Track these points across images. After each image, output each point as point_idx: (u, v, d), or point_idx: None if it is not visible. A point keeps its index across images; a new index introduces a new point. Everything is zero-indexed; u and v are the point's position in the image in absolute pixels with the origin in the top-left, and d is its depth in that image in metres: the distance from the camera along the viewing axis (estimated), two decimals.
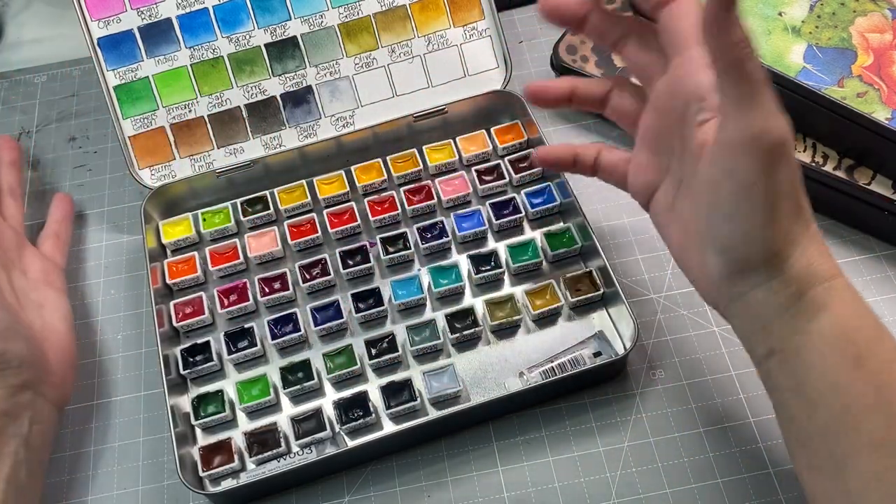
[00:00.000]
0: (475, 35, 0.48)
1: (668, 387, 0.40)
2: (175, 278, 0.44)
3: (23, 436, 0.35)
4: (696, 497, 0.37)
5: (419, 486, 0.38)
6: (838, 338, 0.30)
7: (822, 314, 0.30)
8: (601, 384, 0.40)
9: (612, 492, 0.37)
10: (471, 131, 0.49)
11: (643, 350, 0.41)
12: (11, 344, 0.36)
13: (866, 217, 0.44)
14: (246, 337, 0.42)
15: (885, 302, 0.42)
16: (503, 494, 0.37)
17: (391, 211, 0.46)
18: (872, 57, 0.43)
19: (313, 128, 0.48)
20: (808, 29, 0.44)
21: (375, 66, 0.48)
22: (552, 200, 0.45)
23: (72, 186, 0.50)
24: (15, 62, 0.57)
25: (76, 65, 0.56)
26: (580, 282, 0.42)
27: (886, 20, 0.44)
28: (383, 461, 0.39)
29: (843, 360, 0.29)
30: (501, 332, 0.42)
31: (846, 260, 0.44)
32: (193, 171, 0.47)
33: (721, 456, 0.38)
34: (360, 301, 0.42)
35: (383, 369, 0.41)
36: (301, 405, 0.40)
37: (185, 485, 0.36)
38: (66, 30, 0.57)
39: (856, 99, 0.41)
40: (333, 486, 0.38)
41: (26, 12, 0.59)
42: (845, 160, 0.43)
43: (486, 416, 0.39)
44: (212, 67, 0.46)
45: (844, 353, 0.29)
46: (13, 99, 0.54)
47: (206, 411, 0.39)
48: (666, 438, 0.38)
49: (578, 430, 0.39)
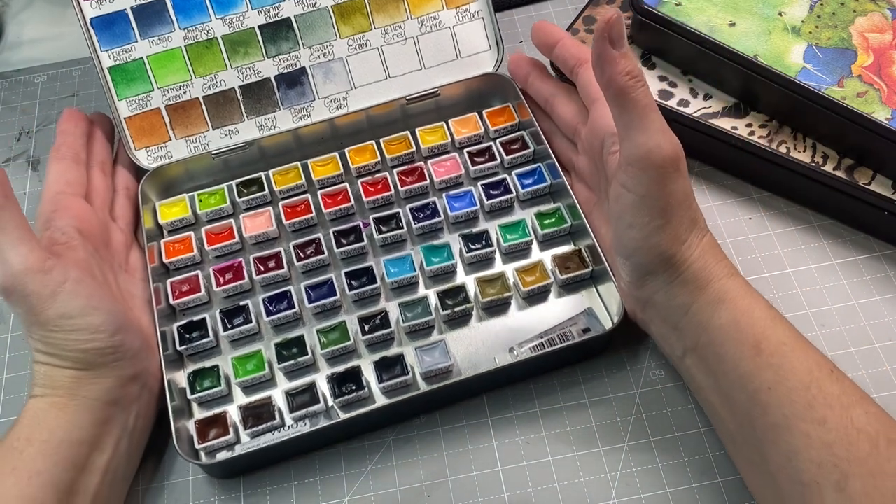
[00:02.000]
0: (468, 17, 0.49)
1: (668, 387, 0.40)
2: (172, 257, 0.45)
3: (128, 428, 0.36)
4: (696, 497, 0.37)
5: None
6: (737, 329, 0.33)
7: (720, 309, 0.33)
8: (592, 359, 0.41)
9: (612, 491, 0.37)
10: (463, 114, 0.49)
11: (643, 350, 0.41)
12: (127, 336, 0.37)
13: (866, 217, 0.43)
14: (241, 314, 0.42)
15: (885, 302, 0.42)
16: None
17: (384, 192, 0.46)
18: (872, 57, 0.42)
19: (307, 109, 0.48)
20: (808, 29, 0.43)
21: (369, 47, 0.48)
22: (542, 181, 0.46)
23: None
24: (15, 62, 0.57)
25: (76, 65, 0.56)
26: (570, 260, 0.43)
27: (886, 20, 0.44)
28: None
29: (744, 348, 0.32)
30: (492, 309, 0.43)
31: (846, 260, 0.43)
32: (189, 152, 0.47)
33: (721, 456, 0.38)
34: (353, 279, 0.43)
35: (376, 345, 0.42)
36: (295, 381, 0.41)
37: (182, 456, 0.37)
38: (66, 29, 0.57)
39: (856, 99, 0.41)
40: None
41: (26, 12, 0.60)
42: (845, 160, 0.43)
43: (476, 390, 0.40)
44: (206, 49, 0.47)
45: (744, 342, 0.32)
46: (13, 99, 0.55)
47: (203, 386, 0.40)
48: (666, 438, 0.38)
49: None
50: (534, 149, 0.47)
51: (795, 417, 0.30)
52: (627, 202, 0.34)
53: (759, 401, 0.31)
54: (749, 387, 0.32)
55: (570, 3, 0.57)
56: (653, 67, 0.48)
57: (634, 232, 0.34)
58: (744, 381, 0.32)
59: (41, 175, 0.51)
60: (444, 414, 0.40)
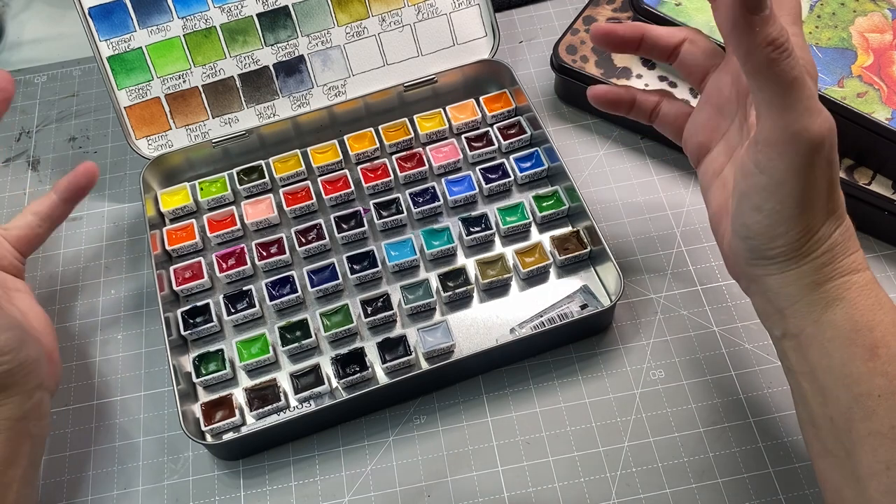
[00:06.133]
0: (464, 4, 0.49)
1: (668, 387, 0.40)
2: (174, 245, 0.45)
3: (34, 434, 0.35)
4: (696, 497, 0.37)
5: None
6: (852, 329, 0.30)
7: (836, 306, 0.30)
8: (589, 337, 0.42)
9: (612, 492, 0.37)
10: (460, 100, 0.50)
11: (643, 350, 0.41)
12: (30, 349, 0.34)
13: (866, 217, 0.43)
14: (245, 299, 0.43)
15: None
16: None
17: (384, 178, 0.47)
18: (872, 57, 0.42)
19: (306, 97, 0.49)
20: (808, 29, 0.44)
21: (366, 35, 0.49)
22: (540, 165, 0.47)
23: None
24: (15, 62, 0.57)
25: (76, 65, 0.56)
26: (568, 241, 0.44)
27: (886, 20, 0.44)
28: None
29: (856, 350, 0.29)
30: (492, 290, 0.43)
31: None
32: (189, 141, 0.48)
33: (721, 456, 0.38)
34: (355, 263, 0.44)
35: (378, 328, 0.42)
36: (299, 363, 0.41)
37: (188, 436, 0.37)
38: (66, 30, 0.58)
39: (856, 99, 0.41)
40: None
41: (27, 12, 0.60)
42: (845, 160, 0.43)
43: (478, 369, 0.41)
44: (205, 38, 0.47)
45: (858, 344, 0.29)
46: (13, 99, 0.54)
47: (208, 369, 0.41)
48: (666, 438, 0.38)
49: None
50: (531, 133, 0.48)
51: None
52: (759, 184, 0.29)
53: (865, 405, 0.29)
54: (855, 389, 0.29)
55: (570, 3, 0.57)
56: (653, 67, 0.48)
57: (761, 216, 0.30)
58: (849, 383, 0.29)
59: (41, 175, 0.51)
60: (445, 414, 0.40)
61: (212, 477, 0.39)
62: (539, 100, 0.52)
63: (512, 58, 0.54)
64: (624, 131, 0.50)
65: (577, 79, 0.49)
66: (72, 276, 0.46)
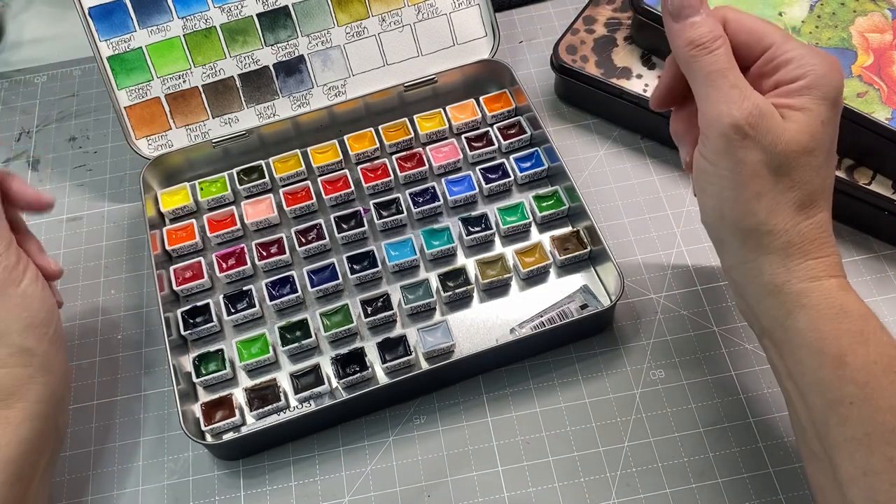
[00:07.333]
0: (464, 3, 0.49)
1: (668, 387, 0.40)
2: (174, 245, 0.45)
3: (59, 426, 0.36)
4: (696, 497, 0.37)
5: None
6: (818, 339, 0.30)
7: (799, 314, 0.30)
8: (589, 337, 0.42)
9: (612, 491, 0.37)
10: (460, 100, 0.50)
11: (643, 350, 0.41)
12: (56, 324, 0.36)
13: (866, 217, 0.44)
14: (245, 299, 0.43)
15: (885, 302, 0.42)
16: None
17: (384, 178, 0.47)
18: (872, 57, 0.42)
19: (306, 97, 0.49)
20: (808, 29, 0.44)
21: (366, 35, 0.49)
22: (540, 165, 0.47)
23: (72, 186, 0.50)
24: (15, 62, 0.57)
25: (76, 65, 0.56)
26: (568, 241, 0.44)
27: (886, 20, 0.44)
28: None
29: (825, 359, 0.30)
30: (492, 290, 0.43)
31: (846, 260, 0.44)
32: (189, 141, 0.48)
33: (721, 456, 0.38)
34: (355, 263, 0.44)
35: (378, 328, 0.42)
36: (299, 363, 0.41)
37: (188, 436, 0.37)
38: (66, 30, 0.58)
39: (856, 99, 0.41)
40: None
41: (26, 12, 0.60)
42: (845, 160, 0.43)
43: (478, 368, 0.41)
44: (205, 38, 0.47)
45: (825, 353, 0.30)
46: (13, 99, 0.55)
47: (208, 369, 0.41)
48: (666, 438, 0.38)
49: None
50: (531, 133, 0.48)
51: (880, 440, 0.28)
52: (699, 166, 0.32)
53: (838, 412, 0.29)
54: (828, 395, 0.29)
55: (570, 3, 0.57)
56: (653, 67, 0.48)
57: (706, 199, 0.33)
58: (822, 389, 0.30)
59: (41, 175, 0.51)
60: (445, 414, 0.40)
61: (212, 477, 0.39)
62: (539, 100, 0.52)
63: (512, 58, 0.54)
64: (624, 131, 0.50)
65: (577, 79, 0.49)
66: (72, 276, 0.46)
